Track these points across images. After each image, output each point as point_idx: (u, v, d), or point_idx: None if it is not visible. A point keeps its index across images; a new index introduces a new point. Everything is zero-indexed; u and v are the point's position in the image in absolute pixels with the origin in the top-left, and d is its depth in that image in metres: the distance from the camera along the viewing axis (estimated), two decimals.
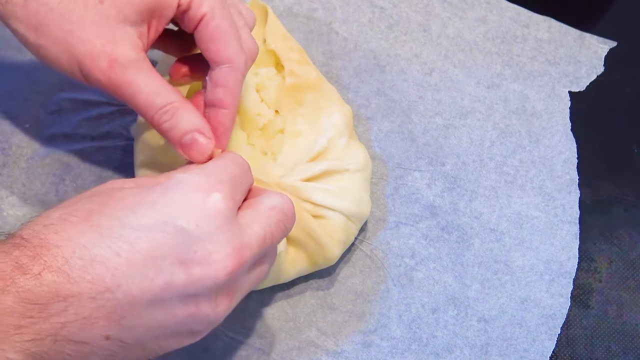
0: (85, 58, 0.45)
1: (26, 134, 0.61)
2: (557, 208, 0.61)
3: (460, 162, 0.63)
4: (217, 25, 0.47)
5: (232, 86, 0.48)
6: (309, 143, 0.56)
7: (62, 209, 0.41)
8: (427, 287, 0.59)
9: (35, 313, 0.37)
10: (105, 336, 0.39)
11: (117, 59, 0.45)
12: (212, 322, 0.42)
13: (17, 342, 0.36)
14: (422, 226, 0.61)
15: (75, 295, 0.37)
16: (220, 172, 0.42)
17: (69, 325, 0.37)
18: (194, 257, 0.39)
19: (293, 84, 0.57)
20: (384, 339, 0.57)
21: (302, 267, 0.56)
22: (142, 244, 0.38)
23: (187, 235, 0.39)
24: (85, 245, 0.38)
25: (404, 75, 0.65)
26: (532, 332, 0.58)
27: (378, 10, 0.67)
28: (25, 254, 0.38)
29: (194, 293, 0.39)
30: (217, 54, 0.48)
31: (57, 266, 0.37)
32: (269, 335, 0.57)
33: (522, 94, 0.65)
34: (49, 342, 0.37)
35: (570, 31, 0.67)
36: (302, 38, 0.65)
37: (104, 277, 0.38)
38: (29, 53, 0.62)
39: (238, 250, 0.40)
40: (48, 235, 0.38)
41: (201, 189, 0.41)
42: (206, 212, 0.40)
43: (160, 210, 0.39)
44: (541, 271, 0.60)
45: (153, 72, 0.47)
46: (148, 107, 0.46)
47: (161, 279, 0.39)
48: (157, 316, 0.39)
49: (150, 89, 0.46)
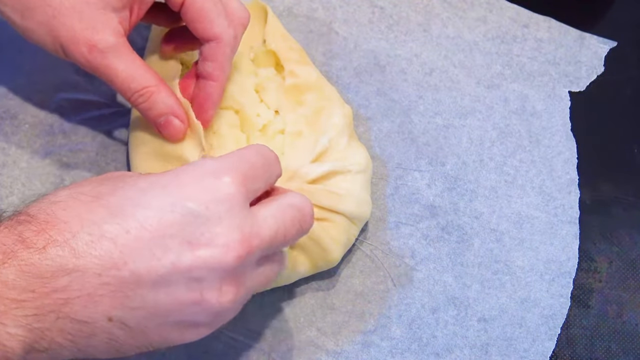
0: (67, 42, 0.48)
1: (26, 134, 0.61)
2: (557, 208, 0.61)
3: (460, 162, 0.63)
4: (200, 6, 0.50)
5: (221, 60, 0.52)
6: (310, 143, 0.56)
7: (71, 188, 0.41)
8: (427, 287, 0.59)
9: (38, 287, 0.37)
10: (109, 317, 0.39)
11: (97, 44, 0.48)
12: (215, 313, 0.41)
13: (18, 316, 0.36)
14: (422, 226, 0.61)
15: (81, 270, 0.37)
16: (238, 160, 0.42)
17: (72, 302, 0.37)
18: (200, 238, 0.39)
19: (293, 85, 0.57)
20: (384, 339, 0.57)
21: (303, 269, 0.56)
22: (151, 222, 0.38)
23: (196, 216, 0.39)
24: (95, 222, 0.38)
25: (404, 75, 0.65)
26: (532, 332, 0.58)
27: (378, 10, 0.67)
28: (30, 228, 0.38)
29: (199, 277, 0.39)
30: (204, 32, 0.51)
31: (63, 240, 0.37)
32: (269, 336, 0.57)
33: (522, 94, 0.65)
34: (51, 318, 0.37)
35: (570, 31, 0.67)
36: (302, 38, 0.65)
37: (111, 253, 0.38)
38: (29, 53, 0.62)
39: (247, 237, 0.40)
40: (56, 212, 0.39)
41: (213, 172, 0.41)
42: (216, 195, 0.40)
43: (171, 191, 0.40)
44: (541, 271, 0.60)
45: (131, 57, 0.50)
46: (125, 89, 0.50)
47: (168, 258, 0.38)
48: (161, 299, 0.39)
49: (127, 73, 0.50)
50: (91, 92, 0.62)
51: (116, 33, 0.49)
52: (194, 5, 0.50)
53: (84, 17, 0.48)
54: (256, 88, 0.58)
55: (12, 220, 0.39)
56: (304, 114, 0.57)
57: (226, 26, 0.51)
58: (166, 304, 0.39)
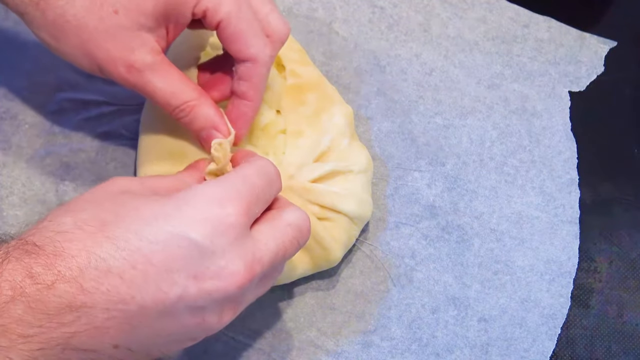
0: (104, 63, 0.48)
1: (26, 134, 0.61)
2: (557, 208, 0.61)
3: (460, 162, 0.63)
4: (235, 28, 0.49)
5: (255, 81, 0.51)
6: (312, 143, 0.56)
7: (73, 214, 0.40)
8: (427, 287, 0.59)
9: (45, 322, 0.37)
10: (114, 345, 0.39)
11: (134, 64, 0.48)
12: (213, 331, 0.42)
13: (24, 350, 0.36)
14: (422, 226, 0.61)
15: (88, 306, 0.37)
16: (241, 184, 0.42)
17: (79, 335, 0.38)
18: (206, 271, 0.39)
19: (294, 84, 0.57)
20: (384, 339, 0.57)
21: (304, 269, 0.56)
22: (157, 257, 0.39)
23: (200, 249, 0.39)
24: (101, 257, 0.38)
25: (404, 75, 0.65)
26: (532, 332, 0.58)
27: (378, 10, 0.67)
28: (38, 262, 0.37)
29: (203, 305, 0.40)
30: (239, 53, 0.50)
31: (71, 276, 0.37)
32: (269, 336, 0.57)
33: (522, 93, 0.65)
34: (57, 350, 0.37)
35: (571, 31, 0.67)
36: (302, 38, 0.65)
37: (118, 289, 0.38)
38: (29, 53, 0.62)
39: (250, 266, 0.41)
40: (63, 244, 0.38)
41: (216, 202, 0.41)
42: (220, 227, 0.40)
43: (175, 224, 0.40)
44: (541, 271, 0.60)
45: (170, 72, 0.49)
46: (165, 105, 0.50)
47: (174, 292, 0.39)
48: (165, 326, 0.40)
49: (166, 90, 0.49)
50: (91, 91, 0.62)
51: (153, 51, 0.48)
52: (229, 26, 0.49)
53: (118, 41, 0.47)
54: None
55: (19, 250, 0.38)
56: (305, 114, 0.57)
57: (262, 46, 0.50)
58: (170, 329, 0.40)
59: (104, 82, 0.62)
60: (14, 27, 0.63)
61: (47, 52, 0.62)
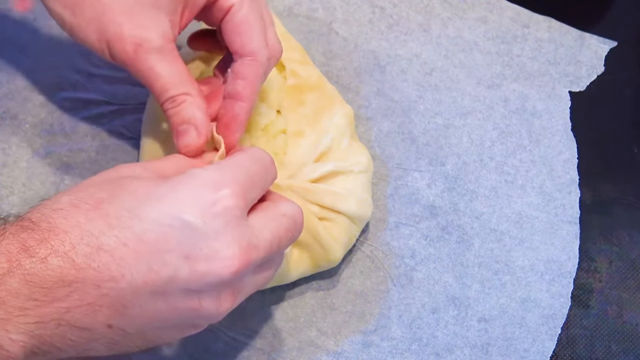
0: (113, 40, 0.47)
1: (26, 134, 0.61)
2: (558, 208, 0.61)
3: (460, 162, 0.63)
4: (244, 16, 0.49)
5: (252, 80, 0.50)
6: (312, 143, 0.56)
7: (72, 193, 0.41)
8: (427, 287, 0.59)
9: (40, 296, 0.37)
10: (108, 325, 0.39)
11: (142, 44, 0.47)
12: (214, 318, 0.42)
13: (21, 323, 0.37)
14: (422, 226, 0.61)
15: (80, 282, 0.37)
16: (236, 169, 0.42)
17: (73, 311, 0.38)
18: (199, 253, 0.39)
19: (294, 84, 0.57)
20: (384, 339, 0.57)
21: (304, 269, 0.56)
22: (148, 235, 0.39)
23: (193, 230, 0.39)
24: (93, 233, 0.38)
25: (404, 75, 0.65)
26: (533, 332, 0.58)
27: (378, 10, 0.67)
28: (33, 236, 0.38)
29: (197, 289, 0.40)
30: (242, 46, 0.49)
31: (63, 251, 0.37)
32: (269, 336, 0.57)
33: (523, 93, 0.65)
34: (52, 325, 0.38)
35: (571, 31, 0.67)
36: (302, 38, 0.65)
37: (109, 266, 0.38)
38: (29, 53, 0.62)
39: (245, 251, 0.40)
40: (57, 220, 0.39)
41: (211, 184, 0.40)
42: (214, 208, 0.40)
43: (169, 203, 0.39)
44: (541, 271, 0.60)
45: (175, 61, 0.49)
46: (161, 94, 0.48)
47: (165, 272, 0.39)
48: (159, 308, 0.40)
49: (168, 78, 0.48)
50: (91, 91, 0.62)
51: (164, 36, 0.48)
52: (239, 14, 0.49)
53: (133, 15, 0.47)
54: None
55: (16, 226, 0.39)
56: (305, 114, 0.57)
57: (264, 45, 0.50)
58: (164, 312, 0.40)
59: (104, 81, 0.62)
60: (14, 27, 0.63)
61: (48, 51, 0.63)
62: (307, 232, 0.54)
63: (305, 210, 0.53)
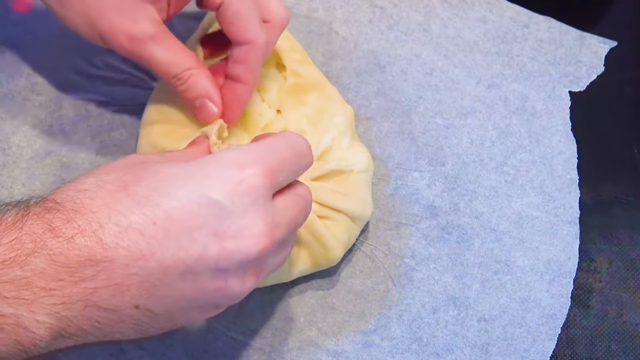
0: (106, 32, 0.49)
1: (26, 134, 0.61)
2: (558, 208, 0.61)
3: (460, 162, 0.63)
4: (236, 10, 0.51)
5: (252, 64, 0.52)
6: (313, 142, 0.56)
7: (95, 175, 0.41)
8: (427, 287, 0.59)
9: (66, 276, 0.37)
10: (135, 305, 0.39)
11: (135, 35, 0.49)
12: (236, 297, 0.42)
13: (47, 304, 0.37)
14: (422, 226, 0.61)
15: (108, 261, 0.37)
16: (265, 151, 0.43)
17: (100, 291, 0.38)
18: (227, 231, 0.39)
19: (295, 84, 0.57)
20: (384, 339, 0.57)
21: (304, 267, 0.56)
22: (177, 213, 0.39)
23: (221, 208, 0.39)
24: (122, 212, 0.38)
25: (404, 75, 0.65)
26: (533, 332, 0.58)
27: (378, 10, 0.67)
28: (59, 217, 0.38)
29: (225, 267, 0.40)
30: (237, 35, 0.51)
31: (91, 231, 0.37)
32: (269, 335, 0.57)
33: (523, 93, 0.65)
34: (79, 306, 0.37)
35: (571, 31, 0.67)
36: (302, 38, 0.65)
37: (138, 245, 0.38)
38: (29, 53, 0.62)
39: (270, 229, 0.41)
40: (83, 201, 0.39)
41: (237, 164, 0.41)
42: (241, 187, 0.40)
43: (196, 182, 0.40)
44: (541, 271, 0.60)
45: (170, 42, 0.51)
46: (165, 74, 0.51)
47: (195, 249, 0.39)
48: (187, 288, 0.40)
49: (166, 60, 0.51)
50: (91, 91, 0.62)
51: (154, 22, 0.50)
52: (230, 8, 0.51)
53: (122, 9, 0.49)
54: (258, 87, 0.58)
55: (39, 207, 0.39)
56: (305, 114, 0.57)
57: (259, 30, 0.51)
58: (192, 292, 0.40)
59: (104, 82, 0.62)
60: (14, 27, 0.63)
61: (48, 51, 0.63)
62: (307, 230, 0.54)
63: None
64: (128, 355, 0.56)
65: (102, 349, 0.56)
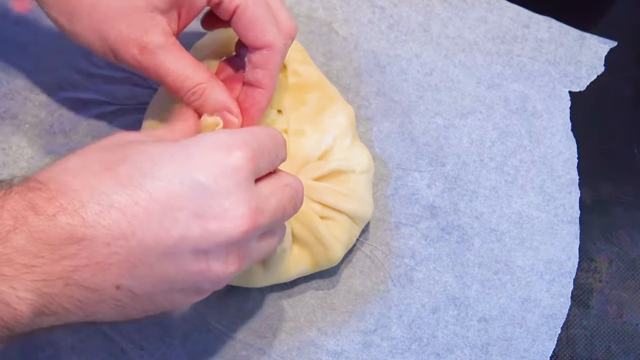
0: (117, 45, 0.48)
1: (26, 133, 0.61)
2: (558, 208, 0.61)
3: (460, 162, 0.63)
4: (252, 14, 0.50)
5: (271, 68, 0.51)
6: (315, 142, 0.56)
7: (80, 155, 0.41)
8: (427, 287, 0.59)
9: (47, 254, 0.37)
10: (116, 285, 0.39)
11: (147, 46, 0.48)
12: (220, 282, 0.42)
13: (28, 281, 0.37)
14: (422, 227, 0.61)
15: (89, 239, 0.37)
16: (249, 135, 0.43)
17: (81, 270, 0.38)
18: (209, 211, 0.39)
19: (296, 84, 0.57)
20: (384, 339, 0.57)
21: (304, 267, 0.56)
22: (159, 193, 0.39)
23: (204, 189, 0.39)
24: (104, 192, 0.38)
25: (404, 75, 0.65)
26: (533, 332, 0.58)
27: (378, 10, 0.67)
28: (41, 195, 0.38)
29: (206, 249, 0.40)
30: (256, 40, 0.51)
31: (72, 209, 0.38)
32: (269, 335, 0.57)
33: (523, 93, 0.65)
34: (60, 284, 0.38)
35: (571, 31, 0.67)
36: (303, 38, 0.65)
37: (120, 224, 0.38)
38: (29, 53, 0.62)
39: (253, 212, 0.41)
40: (66, 179, 0.39)
41: (223, 146, 0.41)
42: (225, 169, 0.40)
43: (180, 162, 0.40)
44: (541, 271, 0.60)
45: (182, 55, 0.50)
46: (177, 88, 0.50)
47: (176, 230, 0.39)
48: (168, 269, 0.40)
49: (179, 72, 0.49)
50: (91, 90, 0.62)
51: (166, 33, 0.49)
52: (246, 13, 0.50)
53: (132, 21, 0.48)
54: None
55: (22, 187, 0.39)
56: (306, 113, 0.57)
57: (277, 34, 0.51)
58: (173, 273, 0.40)
59: (105, 81, 0.62)
60: (14, 27, 0.63)
61: (48, 51, 0.63)
62: (308, 231, 0.54)
63: (307, 208, 0.53)
64: (128, 355, 0.56)
65: (102, 349, 0.56)
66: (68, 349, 0.56)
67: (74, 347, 0.56)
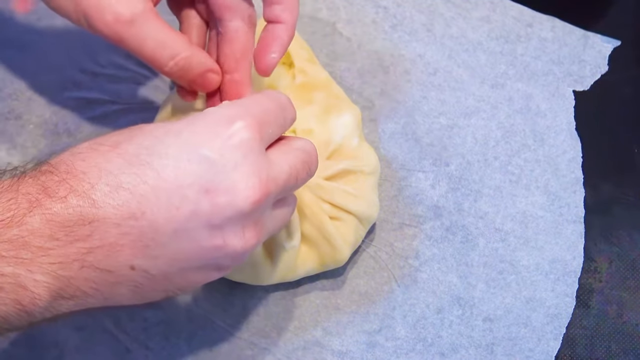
0: (91, 10, 0.46)
1: (30, 133, 0.61)
2: (562, 207, 0.62)
3: (464, 162, 0.63)
4: None
5: (289, 2, 0.49)
6: (323, 141, 0.56)
7: (91, 140, 0.41)
8: (431, 287, 0.59)
9: (62, 236, 0.37)
10: (131, 266, 0.39)
11: (123, 13, 0.46)
12: (239, 257, 0.42)
13: (44, 264, 0.37)
14: (426, 227, 0.61)
15: (100, 220, 0.37)
16: (251, 104, 0.42)
17: (95, 251, 0.38)
18: (218, 186, 0.39)
19: (303, 83, 0.57)
20: (389, 339, 0.57)
21: (311, 267, 0.56)
22: (167, 171, 0.39)
23: (212, 164, 0.39)
24: (112, 172, 0.38)
25: (407, 75, 0.65)
26: (538, 332, 0.58)
27: (382, 11, 0.67)
28: (52, 179, 0.38)
29: (220, 224, 0.39)
30: None
31: (82, 191, 0.38)
32: (274, 335, 0.57)
33: (527, 93, 0.65)
34: (75, 266, 0.38)
35: (574, 30, 0.67)
36: (306, 39, 0.65)
37: (129, 204, 0.38)
38: (33, 53, 0.62)
39: (264, 182, 0.40)
40: (75, 162, 0.39)
41: (225, 118, 0.41)
42: (231, 141, 0.40)
43: (186, 139, 0.40)
44: (546, 270, 0.60)
45: (160, 24, 0.47)
46: (156, 58, 0.47)
47: (186, 207, 0.39)
48: (182, 246, 0.39)
49: (157, 41, 0.47)
50: (96, 90, 0.62)
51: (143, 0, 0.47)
52: None
53: None
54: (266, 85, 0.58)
55: (34, 171, 0.39)
56: (313, 112, 0.57)
57: None
58: (188, 251, 0.40)
59: (109, 80, 0.62)
60: (18, 27, 0.63)
61: (52, 51, 0.63)
62: (317, 230, 0.54)
63: (317, 208, 0.53)
64: (133, 355, 0.55)
65: (107, 349, 0.56)
66: (72, 349, 0.55)
67: (78, 347, 0.55)
